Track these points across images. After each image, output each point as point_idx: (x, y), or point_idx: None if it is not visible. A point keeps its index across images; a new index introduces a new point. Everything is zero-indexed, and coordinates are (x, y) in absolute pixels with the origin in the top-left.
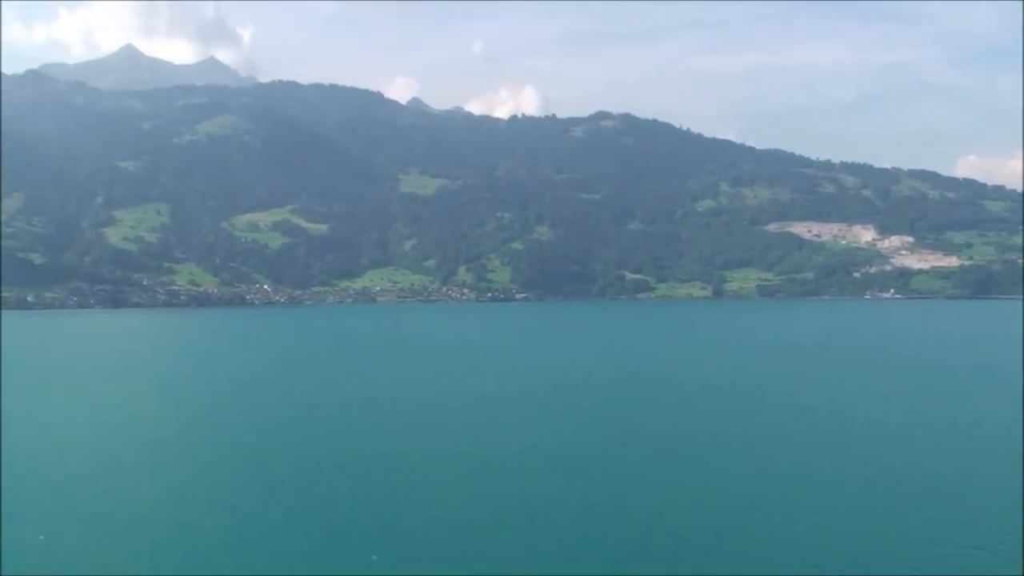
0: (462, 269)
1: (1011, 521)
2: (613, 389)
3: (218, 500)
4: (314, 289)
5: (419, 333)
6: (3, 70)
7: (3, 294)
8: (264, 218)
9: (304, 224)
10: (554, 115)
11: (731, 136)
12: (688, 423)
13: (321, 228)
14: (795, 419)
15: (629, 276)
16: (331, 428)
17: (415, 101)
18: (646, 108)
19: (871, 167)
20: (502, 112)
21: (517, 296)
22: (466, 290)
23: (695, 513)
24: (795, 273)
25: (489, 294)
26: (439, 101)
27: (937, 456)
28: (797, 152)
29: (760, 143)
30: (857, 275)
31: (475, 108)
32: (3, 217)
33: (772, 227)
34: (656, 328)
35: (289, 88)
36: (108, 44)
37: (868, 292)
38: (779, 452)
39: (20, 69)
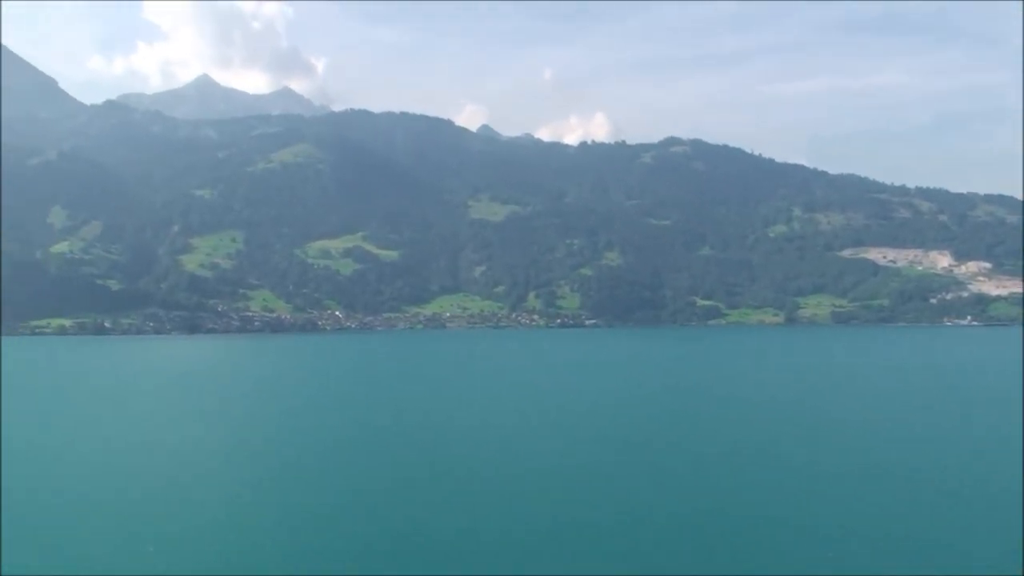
0: (532, 295)
1: (1012, 523)
2: (677, 412)
3: (305, 522)
4: (385, 315)
5: (492, 358)
6: (84, 101)
7: (82, 320)
8: (336, 245)
9: (375, 250)
10: (624, 141)
11: (803, 161)
12: (740, 440)
13: (392, 254)
14: (845, 440)
15: (700, 302)
16: (407, 450)
17: (485, 128)
18: (717, 133)
19: (947, 192)
20: (572, 138)
21: (587, 322)
22: (535, 316)
23: (723, 517)
24: (870, 299)
25: (559, 320)
26: (509, 128)
27: (962, 468)
28: (871, 177)
29: (833, 168)
30: (933, 302)
31: (545, 135)
32: (82, 244)
33: (846, 253)
34: (729, 354)
35: (361, 116)
36: (185, 75)
37: (945, 319)
38: (815, 466)
39: (99, 99)
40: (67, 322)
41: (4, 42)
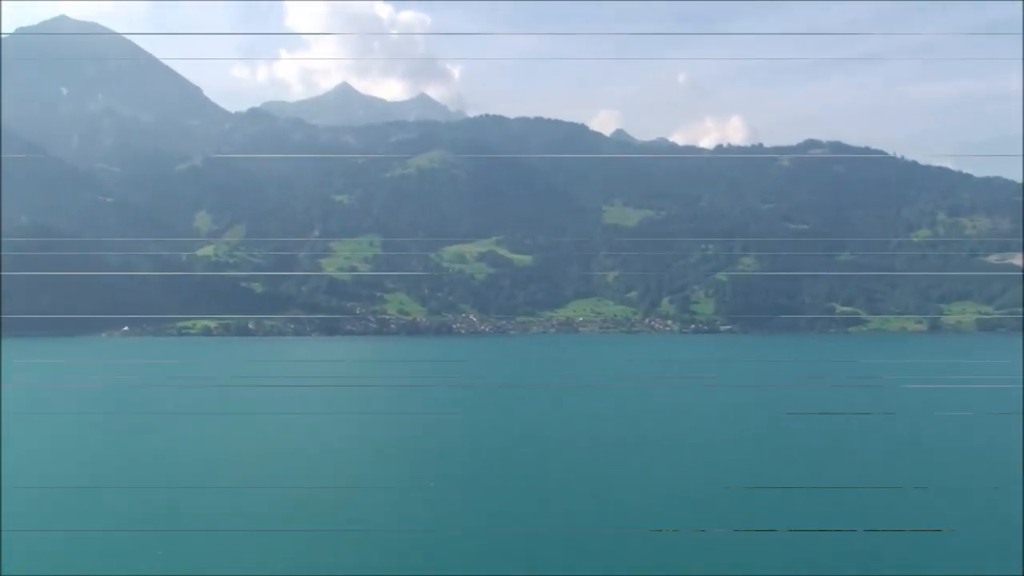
0: (665, 300)
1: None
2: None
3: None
4: (518, 319)
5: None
6: (228, 109)
7: (227, 321)
8: (470, 249)
9: (509, 255)
10: (760, 144)
11: (948, 164)
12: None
13: (525, 259)
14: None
15: (839, 308)
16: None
17: (619, 132)
18: (857, 137)
19: None
20: (707, 142)
21: (721, 328)
22: (669, 321)
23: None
24: (1017, 307)
25: (692, 326)
26: (643, 133)
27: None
28: (1018, 180)
29: (978, 171)
30: None
31: (679, 139)
32: (225, 248)
33: (993, 258)
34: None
35: (496, 122)
36: (325, 83)
37: None
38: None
39: (244, 107)
40: (212, 323)
41: (152, 52)
